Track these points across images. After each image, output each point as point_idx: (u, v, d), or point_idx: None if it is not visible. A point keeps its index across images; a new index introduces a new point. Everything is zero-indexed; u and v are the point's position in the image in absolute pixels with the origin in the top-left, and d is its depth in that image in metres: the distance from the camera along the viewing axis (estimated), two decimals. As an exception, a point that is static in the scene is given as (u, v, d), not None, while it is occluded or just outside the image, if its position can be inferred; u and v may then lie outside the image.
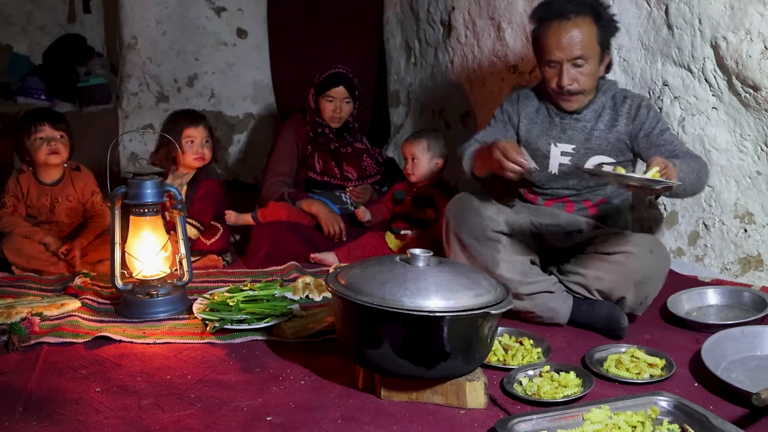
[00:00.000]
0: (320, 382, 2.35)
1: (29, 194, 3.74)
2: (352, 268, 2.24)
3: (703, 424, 1.95)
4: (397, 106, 5.70)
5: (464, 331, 2.06)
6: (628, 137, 2.96)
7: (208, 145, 3.92)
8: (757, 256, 3.19)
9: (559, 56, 2.84)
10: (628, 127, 2.95)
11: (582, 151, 3.00)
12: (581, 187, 3.05)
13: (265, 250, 3.73)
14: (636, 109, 2.96)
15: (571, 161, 3.01)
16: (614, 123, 2.97)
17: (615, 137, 2.97)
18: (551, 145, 3.05)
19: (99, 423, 2.08)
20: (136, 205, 3.01)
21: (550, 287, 2.84)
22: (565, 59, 2.83)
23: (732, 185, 3.25)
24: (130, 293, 3.02)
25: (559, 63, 2.85)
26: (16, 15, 6.67)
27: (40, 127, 3.67)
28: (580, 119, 3.01)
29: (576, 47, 2.82)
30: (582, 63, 2.84)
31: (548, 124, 3.07)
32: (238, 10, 6.00)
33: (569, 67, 2.85)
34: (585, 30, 2.82)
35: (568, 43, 2.81)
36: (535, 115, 3.10)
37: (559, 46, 2.82)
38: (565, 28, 2.81)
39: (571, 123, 3.02)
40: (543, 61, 2.92)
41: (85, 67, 6.35)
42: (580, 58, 2.83)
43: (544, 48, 2.88)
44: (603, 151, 2.99)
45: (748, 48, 2.99)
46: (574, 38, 2.81)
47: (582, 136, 3.00)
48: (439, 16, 4.93)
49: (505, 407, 2.15)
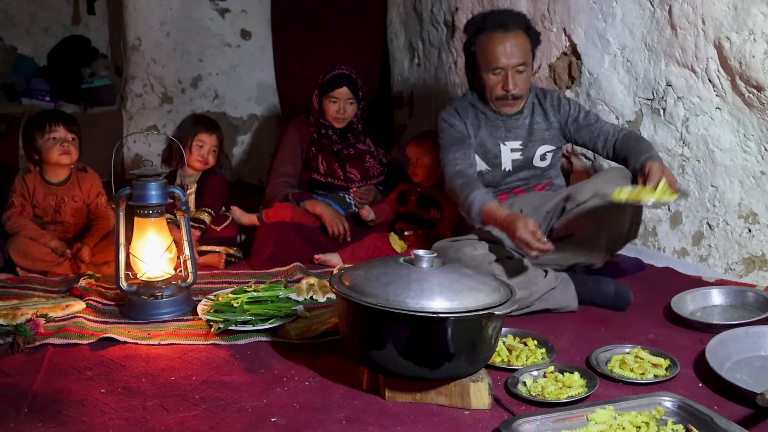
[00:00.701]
0: (324, 383, 2.35)
1: (35, 194, 3.76)
2: (356, 269, 2.24)
3: (708, 425, 1.95)
4: (401, 106, 5.70)
5: (468, 332, 2.06)
6: (559, 126, 3.32)
7: (214, 154, 4.10)
8: (762, 256, 3.19)
9: (504, 63, 3.13)
10: (557, 117, 3.31)
11: (528, 144, 3.32)
12: (530, 176, 3.37)
13: (269, 251, 3.73)
14: (557, 101, 3.32)
15: (521, 155, 3.32)
16: (546, 115, 3.31)
17: (550, 127, 3.32)
18: (500, 144, 3.33)
19: (104, 424, 2.09)
20: (141, 206, 3.02)
21: (552, 284, 2.89)
22: (510, 66, 3.13)
23: (736, 185, 3.25)
24: (135, 294, 3.03)
25: (504, 69, 3.14)
26: (21, 16, 6.68)
27: (55, 128, 3.70)
28: (519, 117, 3.31)
29: (519, 54, 3.13)
30: (523, 69, 3.17)
31: (492, 127, 3.33)
32: (242, 11, 6.00)
33: (513, 73, 3.15)
34: (522, 39, 3.16)
35: (512, 51, 3.12)
36: (477, 121, 3.33)
37: (504, 53, 3.12)
38: (508, 37, 3.13)
39: (512, 122, 3.31)
40: (485, 69, 3.19)
41: (89, 69, 6.35)
42: (522, 65, 3.15)
43: (489, 56, 3.16)
44: (545, 141, 3.33)
45: (751, 48, 2.98)
46: (516, 46, 3.13)
47: (525, 131, 3.32)
48: (442, 16, 4.94)
49: (510, 408, 2.15)
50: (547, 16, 4.01)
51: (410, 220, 3.96)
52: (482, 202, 2.99)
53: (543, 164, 3.36)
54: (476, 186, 3.08)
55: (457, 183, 3.14)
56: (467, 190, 3.07)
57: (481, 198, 3.00)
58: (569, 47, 3.93)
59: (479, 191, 3.04)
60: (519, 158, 3.32)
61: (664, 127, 3.47)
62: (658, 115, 3.48)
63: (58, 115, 3.81)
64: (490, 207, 2.96)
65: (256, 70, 6.08)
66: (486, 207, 2.97)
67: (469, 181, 3.12)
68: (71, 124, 3.77)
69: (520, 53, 3.14)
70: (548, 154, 3.35)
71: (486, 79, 3.21)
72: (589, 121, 3.27)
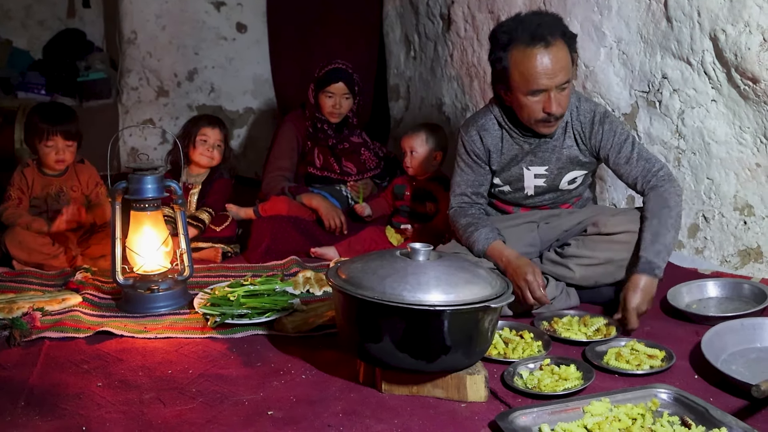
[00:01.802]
0: (321, 376, 2.35)
1: (34, 186, 3.77)
2: (352, 263, 2.24)
3: (703, 416, 1.95)
4: (396, 100, 5.70)
5: (465, 325, 2.06)
6: (591, 150, 2.95)
7: (219, 148, 4.06)
8: (757, 248, 3.20)
9: (547, 84, 2.68)
10: (589, 142, 2.93)
11: (555, 171, 2.99)
12: (555, 198, 3.09)
13: (265, 244, 3.73)
14: (590, 127, 2.90)
15: (545, 181, 3.01)
16: (581, 138, 2.94)
17: (581, 151, 2.95)
18: (524, 169, 3.00)
19: (101, 417, 2.09)
20: (137, 200, 3.01)
21: (553, 294, 2.88)
22: (553, 86, 2.69)
23: (731, 177, 3.25)
24: (131, 288, 3.03)
25: (547, 90, 2.70)
26: (16, 10, 6.67)
27: (52, 138, 3.70)
28: (548, 140, 2.94)
29: (562, 72, 2.69)
30: (566, 87, 2.73)
31: (517, 149, 2.98)
32: (238, 4, 5.99)
33: (556, 93, 2.71)
34: (563, 53, 2.69)
35: (554, 70, 2.66)
36: (501, 144, 2.99)
37: (546, 72, 2.66)
38: (549, 53, 2.66)
39: (540, 144, 2.95)
40: (522, 91, 2.73)
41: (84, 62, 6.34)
42: (566, 83, 2.72)
43: (528, 77, 2.68)
44: (575, 166, 2.99)
45: (747, 40, 2.98)
46: (559, 63, 2.67)
47: (553, 155, 2.95)
48: (438, 9, 4.93)
49: (506, 400, 2.15)
50: (542, 9, 4.01)
51: (406, 214, 3.96)
52: (486, 243, 2.87)
53: (571, 187, 3.06)
54: (480, 224, 2.94)
55: (461, 222, 2.99)
56: (471, 229, 2.93)
57: (485, 237, 2.88)
58: (565, 40, 3.92)
59: (483, 229, 2.90)
60: (543, 184, 3.02)
61: (659, 120, 3.47)
62: (653, 108, 3.49)
63: (59, 118, 3.75)
64: (495, 245, 2.85)
65: (252, 64, 6.07)
66: (491, 246, 2.86)
67: (472, 220, 2.97)
68: (69, 133, 3.75)
69: (564, 70, 2.68)
70: (578, 178, 3.05)
71: (522, 100, 2.76)
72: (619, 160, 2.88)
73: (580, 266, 2.87)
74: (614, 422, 1.95)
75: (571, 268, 2.88)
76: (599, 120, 2.90)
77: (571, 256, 2.91)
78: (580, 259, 2.88)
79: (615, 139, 2.88)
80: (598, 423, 1.94)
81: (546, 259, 2.99)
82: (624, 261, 2.81)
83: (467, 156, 3.06)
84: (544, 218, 3.05)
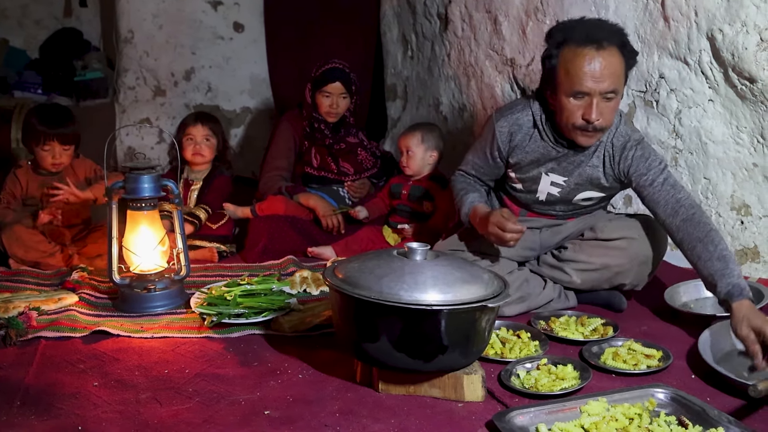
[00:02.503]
0: (318, 375, 2.35)
1: (29, 186, 3.76)
2: (349, 262, 2.24)
3: (700, 416, 1.96)
4: (394, 99, 5.70)
5: (462, 325, 2.06)
6: (618, 176, 2.83)
7: (208, 143, 4.01)
8: (754, 248, 3.20)
9: (591, 87, 2.56)
10: (618, 167, 2.81)
11: (572, 186, 2.89)
12: (565, 209, 2.99)
13: (262, 244, 3.73)
14: (620, 151, 2.79)
15: (559, 192, 2.90)
16: (611, 165, 2.82)
17: (605, 174, 2.84)
18: (543, 174, 2.89)
19: (97, 417, 2.08)
20: (134, 199, 3.01)
21: (551, 296, 2.90)
22: (597, 92, 2.57)
23: (728, 177, 3.25)
24: (128, 288, 3.02)
25: (590, 95, 2.59)
26: (12, 9, 6.66)
27: (49, 142, 3.69)
28: (577, 153, 2.82)
29: (610, 79, 2.57)
30: (612, 96, 2.60)
31: (542, 154, 2.85)
32: (235, 3, 5.98)
33: (600, 101, 2.59)
34: (616, 61, 2.58)
35: (603, 75, 2.55)
36: (528, 143, 2.86)
37: (593, 75, 2.55)
38: (600, 56, 2.55)
39: (567, 155, 2.82)
40: (566, 92, 2.62)
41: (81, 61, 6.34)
42: (613, 92, 2.60)
43: (573, 77, 2.58)
44: (593, 187, 2.89)
45: (744, 40, 2.98)
46: (608, 68, 2.56)
47: (576, 170, 2.84)
48: (435, 9, 4.93)
49: (503, 400, 2.15)
50: (540, 8, 4.01)
51: (403, 213, 3.95)
52: (471, 204, 2.88)
53: (585, 204, 2.97)
54: (471, 190, 2.95)
55: (457, 187, 3.04)
56: (462, 193, 2.97)
57: (471, 200, 2.90)
58: (562, 40, 3.92)
59: (472, 194, 2.92)
60: (556, 194, 2.91)
61: (656, 119, 3.47)
62: (650, 107, 3.49)
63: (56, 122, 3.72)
64: (476, 206, 2.86)
65: (249, 63, 6.06)
66: (473, 207, 2.87)
67: (467, 186, 3.00)
68: (66, 138, 3.72)
69: (612, 78, 2.56)
70: (594, 199, 2.95)
71: (564, 102, 2.64)
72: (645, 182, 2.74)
73: (577, 271, 2.89)
74: (611, 422, 1.95)
75: (567, 272, 2.89)
76: (632, 145, 2.78)
77: (567, 261, 2.91)
78: (576, 264, 2.88)
79: (645, 163, 2.75)
80: (595, 423, 1.94)
81: (543, 263, 3.00)
82: (620, 267, 2.82)
83: (489, 147, 2.93)
84: (547, 226, 3.04)
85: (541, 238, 3.03)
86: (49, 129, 3.67)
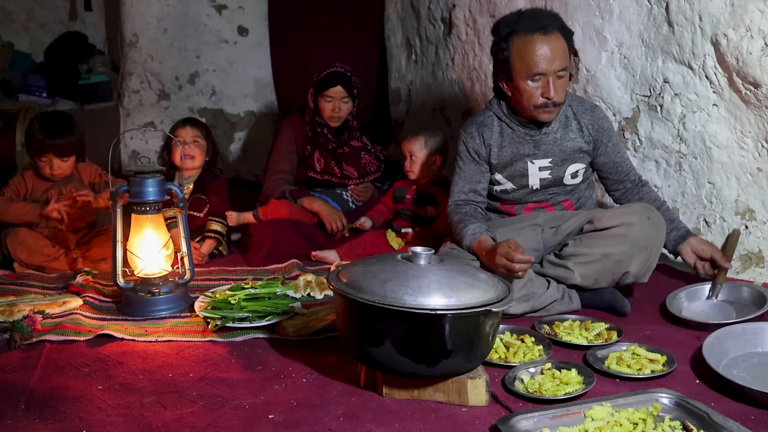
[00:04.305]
0: (322, 379, 2.35)
1: (34, 190, 3.77)
2: (353, 266, 2.24)
3: (705, 421, 1.95)
4: (398, 103, 5.70)
5: (466, 329, 2.06)
6: (592, 146, 3.10)
7: (196, 144, 4.02)
8: (758, 252, 3.19)
9: (545, 68, 2.86)
10: (592, 135, 3.09)
11: (559, 163, 3.09)
12: (559, 191, 3.16)
13: (266, 248, 3.73)
14: (597, 120, 3.09)
15: (550, 173, 3.10)
16: (581, 131, 3.08)
17: (582, 144, 3.08)
18: (528, 163, 3.09)
19: (101, 421, 2.09)
20: (138, 203, 3.01)
21: (554, 296, 2.90)
22: (551, 71, 2.87)
23: (733, 182, 3.25)
24: (132, 291, 3.03)
25: (546, 75, 2.88)
26: (17, 12, 6.66)
27: (46, 156, 3.69)
28: (549, 132, 3.06)
29: (560, 58, 2.88)
30: (563, 74, 2.91)
31: (519, 143, 3.09)
32: (239, 7, 5.99)
33: (554, 79, 2.89)
34: (561, 42, 2.90)
35: (554, 55, 2.86)
36: (501, 138, 3.11)
37: (546, 57, 2.86)
38: (548, 40, 2.86)
39: (542, 137, 3.07)
40: (523, 76, 2.91)
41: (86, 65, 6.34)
42: (563, 70, 2.90)
43: (529, 61, 2.87)
44: (576, 159, 3.10)
45: (748, 45, 2.98)
46: (557, 50, 2.87)
47: (556, 148, 3.07)
48: (440, 13, 4.93)
49: (507, 405, 2.15)
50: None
51: (407, 218, 3.96)
52: (473, 236, 2.92)
53: (574, 181, 3.15)
54: (470, 221, 2.99)
55: (454, 220, 3.07)
56: (461, 226, 3.00)
57: (472, 231, 2.93)
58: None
59: (472, 225, 2.96)
60: (548, 177, 3.10)
61: (661, 124, 3.47)
62: (655, 112, 3.48)
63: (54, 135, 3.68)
64: (480, 239, 2.90)
65: (253, 67, 6.07)
66: (477, 240, 2.90)
67: (464, 217, 3.03)
68: (63, 151, 3.70)
69: (562, 57, 2.88)
70: (580, 172, 3.13)
71: (523, 86, 2.92)
72: (617, 159, 3.13)
73: (579, 264, 2.90)
74: (615, 427, 1.94)
75: (569, 267, 2.90)
76: (602, 117, 3.13)
77: (569, 256, 2.94)
78: (577, 258, 2.90)
79: (613, 139, 3.14)
80: (600, 427, 1.94)
81: (546, 262, 3.01)
82: (621, 254, 2.84)
83: (466, 154, 3.15)
84: (548, 221, 3.07)
85: (544, 238, 3.05)
86: (45, 141, 3.66)
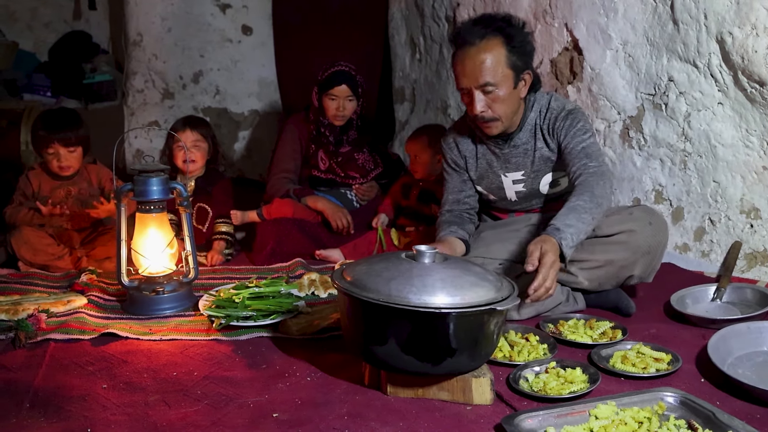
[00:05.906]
0: (326, 378, 2.35)
1: (41, 189, 3.77)
2: (357, 265, 2.24)
3: (710, 420, 1.95)
4: (402, 102, 5.70)
5: (470, 328, 2.05)
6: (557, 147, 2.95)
7: (197, 148, 4.01)
8: (763, 251, 3.19)
9: (466, 83, 2.78)
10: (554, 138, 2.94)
11: (531, 175, 3.02)
12: (542, 202, 3.12)
13: (270, 246, 3.73)
14: (553, 124, 2.92)
15: (524, 186, 3.03)
16: (546, 137, 2.95)
17: (549, 153, 2.97)
18: (501, 176, 3.06)
19: (105, 419, 2.09)
20: (143, 202, 3.01)
21: (559, 299, 2.89)
22: (473, 86, 2.77)
23: (738, 181, 3.24)
24: (136, 290, 3.03)
25: (469, 90, 2.79)
26: (22, 12, 6.68)
27: (52, 146, 3.70)
28: (518, 144, 2.98)
29: (482, 74, 2.74)
30: (491, 89, 2.77)
31: (491, 156, 3.05)
32: (243, 6, 5.99)
33: (479, 94, 2.78)
34: (492, 55, 2.74)
35: (473, 70, 2.75)
36: (475, 148, 3.08)
37: (464, 73, 2.77)
38: (470, 54, 2.75)
39: (511, 150, 2.99)
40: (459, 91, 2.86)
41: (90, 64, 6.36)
42: (489, 85, 2.76)
43: (456, 76, 2.83)
44: (550, 169, 3.01)
45: (754, 43, 2.98)
46: (479, 64, 2.73)
47: (527, 159, 2.99)
48: (444, 12, 4.93)
49: (512, 403, 2.15)
50: (548, 11, 4.01)
51: (411, 216, 3.95)
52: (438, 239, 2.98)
53: (556, 190, 3.07)
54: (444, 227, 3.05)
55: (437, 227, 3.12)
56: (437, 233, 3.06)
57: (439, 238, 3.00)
58: (571, 42, 3.92)
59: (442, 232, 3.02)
60: (523, 189, 3.06)
61: (666, 123, 3.46)
62: (659, 111, 3.48)
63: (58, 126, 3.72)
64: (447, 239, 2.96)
65: (257, 66, 6.07)
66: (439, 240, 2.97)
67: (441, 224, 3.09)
68: (69, 141, 3.72)
69: (485, 72, 2.74)
70: (561, 180, 3.05)
71: (462, 100, 2.90)
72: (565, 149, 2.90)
73: (582, 270, 2.88)
74: (620, 425, 1.94)
75: (573, 272, 2.88)
76: (564, 116, 2.91)
77: (572, 261, 2.90)
78: (581, 263, 2.87)
79: (572, 131, 2.88)
80: (604, 426, 1.94)
81: None
82: (624, 261, 2.82)
83: (447, 164, 3.17)
84: (543, 221, 3.04)
85: None
86: (50, 133, 3.69)
